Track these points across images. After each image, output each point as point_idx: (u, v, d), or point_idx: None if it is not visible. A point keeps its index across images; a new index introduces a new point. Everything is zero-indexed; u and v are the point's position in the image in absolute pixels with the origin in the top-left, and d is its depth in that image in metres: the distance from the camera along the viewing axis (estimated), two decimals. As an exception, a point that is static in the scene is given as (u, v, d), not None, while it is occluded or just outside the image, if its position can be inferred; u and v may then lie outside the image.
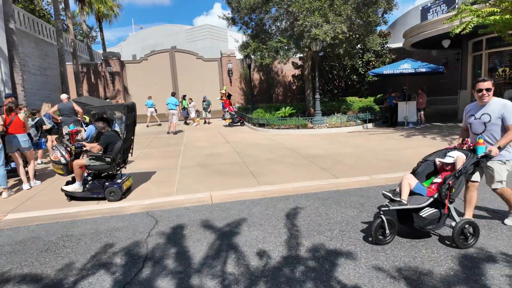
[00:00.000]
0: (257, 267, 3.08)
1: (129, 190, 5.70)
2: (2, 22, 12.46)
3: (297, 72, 20.73)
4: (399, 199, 3.34)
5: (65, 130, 7.99)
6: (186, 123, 17.97)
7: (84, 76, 20.16)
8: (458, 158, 3.37)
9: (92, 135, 6.51)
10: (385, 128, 12.83)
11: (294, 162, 7.61)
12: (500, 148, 3.29)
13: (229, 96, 17.41)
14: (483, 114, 3.49)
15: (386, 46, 18.77)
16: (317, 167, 7.02)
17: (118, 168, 5.36)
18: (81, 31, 28.19)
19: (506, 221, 3.74)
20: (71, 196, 5.23)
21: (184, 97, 17.64)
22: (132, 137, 5.74)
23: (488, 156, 3.28)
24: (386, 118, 14.29)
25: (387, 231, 3.32)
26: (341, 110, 15.11)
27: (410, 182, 3.43)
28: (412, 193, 3.42)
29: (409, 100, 13.18)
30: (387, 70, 12.36)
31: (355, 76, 18.68)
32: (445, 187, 3.17)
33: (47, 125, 9.57)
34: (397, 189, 3.49)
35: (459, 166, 3.28)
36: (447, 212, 3.27)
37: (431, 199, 3.25)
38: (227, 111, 16.34)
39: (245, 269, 3.06)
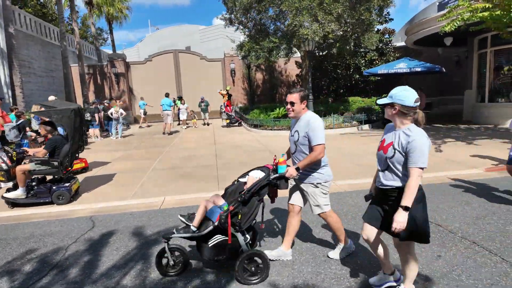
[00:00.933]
0: (154, 279, 2.98)
1: (77, 193, 5.75)
2: (2, 26, 12.96)
3: (300, 71, 20.39)
4: (191, 224, 2.89)
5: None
6: (186, 123, 18.05)
7: (90, 78, 20.68)
8: (249, 178, 2.95)
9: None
10: (381, 130, 12.36)
11: (267, 165, 7.44)
12: (298, 169, 2.85)
13: (229, 96, 17.35)
14: (295, 132, 3.01)
15: (390, 44, 18.13)
16: (287, 171, 6.82)
17: (65, 171, 5.38)
18: (91, 34, 28.93)
19: (330, 253, 3.21)
20: (13, 203, 5.15)
21: (180, 98, 17.70)
22: (79, 141, 5.72)
23: (284, 178, 2.83)
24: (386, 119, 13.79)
25: (171, 262, 2.93)
26: (339, 110, 14.73)
27: (208, 204, 2.93)
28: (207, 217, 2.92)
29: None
30: (382, 69, 11.91)
31: (358, 76, 18.18)
32: (225, 213, 2.71)
33: (36, 127, 9.85)
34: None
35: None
36: (231, 242, 2.73)
37: (211, 227, 2.76)
38: (224, 111, 16.31)
39: (141, 281, 2.97)
